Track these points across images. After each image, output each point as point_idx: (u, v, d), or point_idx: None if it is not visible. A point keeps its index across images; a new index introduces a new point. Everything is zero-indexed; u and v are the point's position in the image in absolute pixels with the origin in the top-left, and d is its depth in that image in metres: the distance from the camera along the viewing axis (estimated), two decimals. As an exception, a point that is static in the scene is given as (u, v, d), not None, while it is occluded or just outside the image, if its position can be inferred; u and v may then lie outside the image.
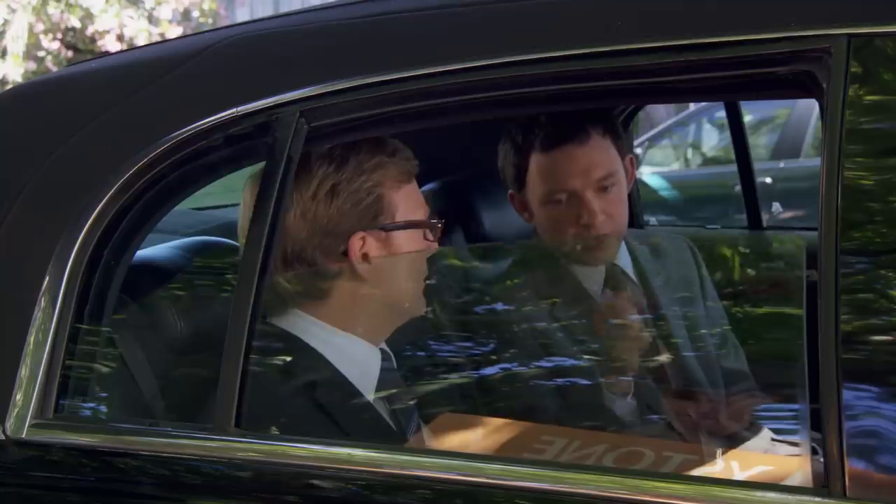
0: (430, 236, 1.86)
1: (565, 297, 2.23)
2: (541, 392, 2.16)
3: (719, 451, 2.03)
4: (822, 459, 1.28)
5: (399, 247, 1.81)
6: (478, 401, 2.20)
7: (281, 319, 1.80)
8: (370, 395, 1.79)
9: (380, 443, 1.64)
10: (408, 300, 1.85)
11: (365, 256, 1.78)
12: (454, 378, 2.20)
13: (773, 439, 2.09)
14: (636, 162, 2.29)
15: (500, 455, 1.68)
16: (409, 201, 1.82)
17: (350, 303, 1.80)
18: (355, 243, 1.77)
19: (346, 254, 1.77)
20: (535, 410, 2.13)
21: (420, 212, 1.85)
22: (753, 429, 2.19)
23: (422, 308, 1.86)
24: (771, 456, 1.78)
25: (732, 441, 2.26)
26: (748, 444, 2.02)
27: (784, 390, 2.33)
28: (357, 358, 1.80)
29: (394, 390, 1.83)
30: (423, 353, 2.04)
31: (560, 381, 2.17)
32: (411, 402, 1.84)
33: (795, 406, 2.33)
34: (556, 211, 2.18)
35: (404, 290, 1.85)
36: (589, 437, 1.63)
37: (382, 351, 1.85)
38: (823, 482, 1.25)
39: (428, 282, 1.85)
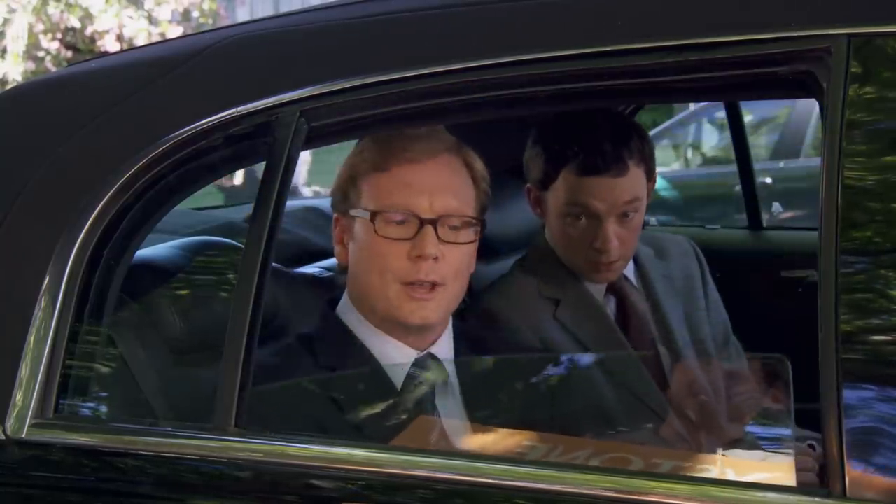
0: (380, 229, 1.76)
1: (569, 300, 2.22)
2: (547, 399, 2.15)
3: (718, 456, 2.03)
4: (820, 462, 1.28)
5: (356, 236, 1.80)
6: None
7: (340, 306, 1.86)
8: (386, 395, 1.77)
9: (379, 443, 1.64)
10: (377, 299, 1.78)
11: (342, 242, 1.83)
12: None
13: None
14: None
15: (500, 455, 1.68)
16: (374, 190, 1.78)
17: (355, 292, 1.84)
18: (335, 227, 1.85)
19: None
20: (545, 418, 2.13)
21: (379, 202, 1.77)
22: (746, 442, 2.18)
23: (408, 315, 1.76)
24: (767, 464, 1.76)
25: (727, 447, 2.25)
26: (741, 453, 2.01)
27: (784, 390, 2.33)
28: (379, 353, 1.79)
29: (417, 397, 1.78)
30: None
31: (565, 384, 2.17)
32: (433, 413, 1.79)
33: (796, 407, 2.34)
34: (573, 227, 2.15)
35: (370, 286, 1.78)
36: (573, 443, 1.63)
37: (430, 356, 1.81)
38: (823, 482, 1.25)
39: (412, 285, 1.75)
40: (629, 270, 2.29)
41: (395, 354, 1.79)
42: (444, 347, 1.83)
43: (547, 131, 2.21)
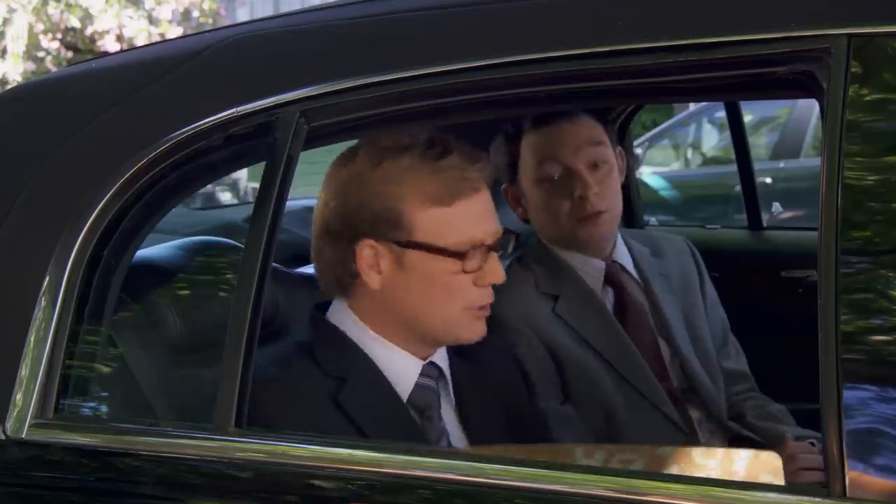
0: (465, 266, 1.71)
1: (567, 295, 2.23)
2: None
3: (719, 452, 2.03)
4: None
5: (412, 267, 1.71)
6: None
7: (334, 314, 1.79)
8: (395, 405, 1.74)
9: (380, 443, 1.64)
10: (438, 324, 1.74)
11: (376, 267, 1.71)
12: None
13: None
14: (637, 160, 2.30)
15: (500, 455, 1.68)
16: (433, 224, 1.69)
17: (372, 308, 1.75)
18: (363, 250, 1.71)
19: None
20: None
21: (449, 238, 1.69)
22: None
23: (469, 334, 1.75)
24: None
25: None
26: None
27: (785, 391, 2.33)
28: (390, 364, 1.75)
29: (424, 405, 1.76)
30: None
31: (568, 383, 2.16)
32: (440, 421, 1.78)
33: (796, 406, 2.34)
34: (550, 189, 2.20)
35: (422, 309, 1.73)
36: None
37: (432, 364, 1.78)
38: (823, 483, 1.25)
39: (478, 308, 1.74)
40: (627, 262, 2.30)
41: (399, 364, 1.76)
42: (440, 354, 1.82)
43: (499, 121, 2.27)
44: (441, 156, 1.70)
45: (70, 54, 10.80)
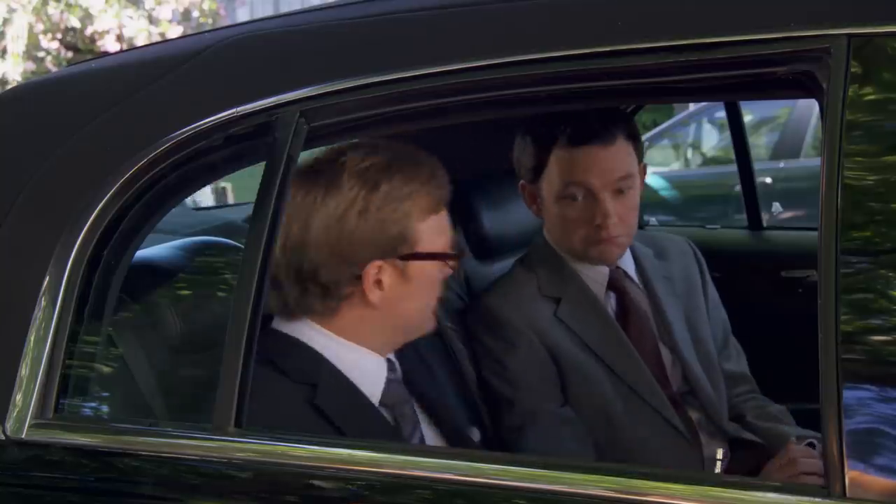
0: (457, 263, 1.83)
1: (569, 298, 2.22)
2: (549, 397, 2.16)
3: (720, 452, 2.03)
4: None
5: (414, 276, 1.76)
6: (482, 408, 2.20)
7: (288, 325, 1.78)
8: (371, 403, 1.77)
9: (379, 443, 1.64)
10: (419, 320, 1.83)
11: (378, 283, 1.74)
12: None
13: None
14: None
15: (500, 455, 1.68)
16: (432, 232, 1.77)
17: (359, 321, 1.77)
18: (370, 271, 1.74)
19: (359, 278, 1.73)
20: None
21: (442, 241, 1.79)
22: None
23: (432, 325, 1.85)
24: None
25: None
26: None
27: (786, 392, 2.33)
28: (363, 367, 1.78)
29: (396, 399, 1.81)
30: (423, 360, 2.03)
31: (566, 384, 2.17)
32: (413, 412, 1.83)
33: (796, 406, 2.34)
34: (570, 208, 2.17)
35: (415, 312, 1.81)
36: None
37: (388, 360, 1.83)
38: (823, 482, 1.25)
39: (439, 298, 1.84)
40: (630, 267, 2.30)
41: (369, 364, 1.79)
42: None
43: (532, 119, 2.23)
44: (418, 168, 1.76)
45: (70, 54, 10.80)
